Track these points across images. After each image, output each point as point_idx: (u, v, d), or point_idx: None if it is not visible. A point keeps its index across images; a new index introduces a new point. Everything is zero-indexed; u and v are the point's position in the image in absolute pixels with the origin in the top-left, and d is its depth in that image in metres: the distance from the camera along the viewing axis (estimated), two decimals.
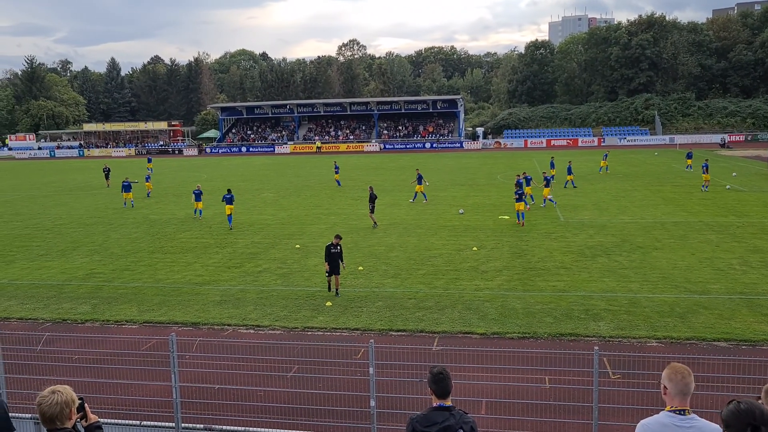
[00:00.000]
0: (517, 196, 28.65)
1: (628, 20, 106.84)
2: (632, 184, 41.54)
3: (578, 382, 11.29)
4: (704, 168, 37.59)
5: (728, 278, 18.52)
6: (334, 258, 17.76)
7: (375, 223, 29.01)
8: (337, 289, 18.07)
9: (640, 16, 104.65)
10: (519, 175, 33.02)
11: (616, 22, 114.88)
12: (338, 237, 18.36)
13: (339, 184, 45.76)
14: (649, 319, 15.27)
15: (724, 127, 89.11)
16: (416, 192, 36.74)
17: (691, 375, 4.44)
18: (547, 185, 33.35)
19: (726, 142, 77.55)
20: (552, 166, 44.72)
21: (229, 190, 30.96)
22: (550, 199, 33.59)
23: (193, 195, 32.79)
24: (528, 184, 33.74)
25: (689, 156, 49.86)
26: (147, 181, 43.96)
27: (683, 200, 33.74)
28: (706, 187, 37.01)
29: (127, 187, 37.74)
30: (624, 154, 68.41)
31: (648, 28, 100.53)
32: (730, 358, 11.97)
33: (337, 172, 46.96)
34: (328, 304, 17.21)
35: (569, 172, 41.23)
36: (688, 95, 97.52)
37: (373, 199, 29.17)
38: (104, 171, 51.36)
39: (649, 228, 26.42)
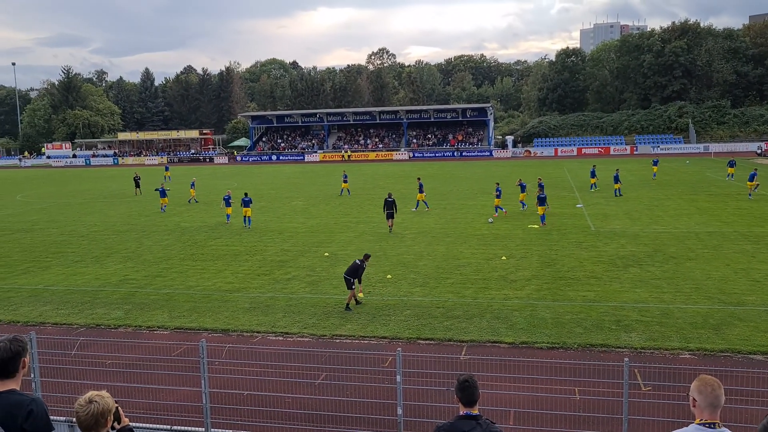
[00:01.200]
0: (539, 200, 30.62)
1: (661, 27, 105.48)
2: (665, 193, 40.92)
3: (608, 394, 11.13)
4: (751, 177, 37.44)
5: (765, 290, 18.12)
6: (353, 271, 17.62)
7: (390, 228, 29.97)
8: (356, 299, 17.86)
9: (673, 22, 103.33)
10: (539, 179, 35.12)
11: (648, 29, 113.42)
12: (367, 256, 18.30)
13: (344, 193, 45.15)
14: (682, 330, 15.01)
15: (761, 135, 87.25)
16: (418, 200, 36.70)
17: (721, 387, 4.36)
18: (522, 191, 35.16)
19: (763, 150, 75.94)
20: (593, 174, 44.09)
21: (246, 194, 33.05)
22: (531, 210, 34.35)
23: (223, 201, 34.10)
24: (523, 191, 35.72)
25: (732, 164, 48.14)
26: (192, 188, 45.36)
27: (718, 210, 33.12)
28: (753, 191, 36.90)
29: (162, 193, 39.81)
30: (657, 163, 67.38)
31: (682, 35, 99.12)
32: (766, 372, 11.70)
33: (345, 181, 46.08)
34: (360, 297, 17.26)
35: (616, 180, 40.45)
36: (724, 103, 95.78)
37: (389, 204, 29.91)
38: (134, 179, 52.19)
39: (682, 238, 25.99)
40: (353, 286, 17.49)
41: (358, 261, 17.90)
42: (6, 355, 4.45)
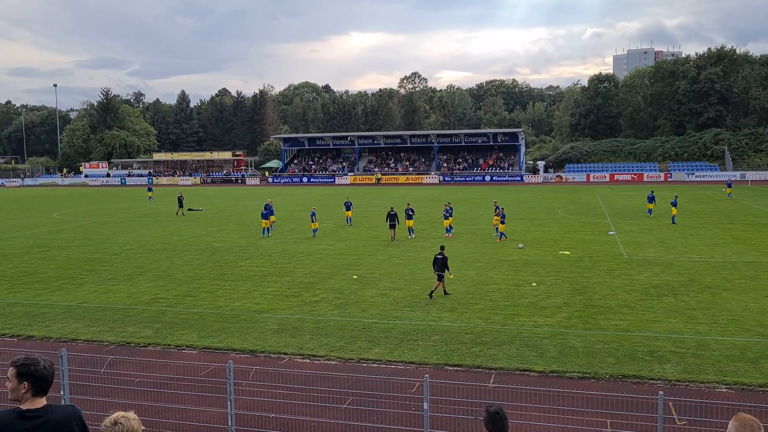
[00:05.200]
0: (502, 218, 33.69)
1: (696, 53, 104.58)
2: (700, 221, 40.15)
3: (641, 428, 10.83)
4: None
5: None
6: (441, 264, 21.14)
7: (393, 238, 34.22)
8: (444, 290, 21.46)
9: (709, 49, 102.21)
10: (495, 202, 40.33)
11: (683, 56, 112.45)
12: (442, 247, 22.03)
13: (349, 222, 42.06)
14: (718, 363, 14.59)
15: None
16: (409, 227, 35.69)
17: (761, 428, 4.15)
18: (496, 214, 35.34)
19: None
20: (651, 200, 43.55)
21: (265, 207, 37.60)
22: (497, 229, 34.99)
23: (311, 215, 37.19)
24: (446, 217, 36.28)
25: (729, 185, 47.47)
26: (272, 214, 39.60)
27: (756, 239, 32.36)
28: None
29: (266, 215, 37.83)
30: (692, 190, 66.36)
31: (718, 61, 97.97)
32: None
33: (348, 209, 42.47)
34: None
35: (674, 204, 40.13)
36: (761, 130, 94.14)
37: (391, 217, 34.38)
38: (178, 199, 51.99)
39: (718, 267, 25.41)
40: (443, 279, 21.22)
41: (439, 255, 21.36)
42: (49, 373, 4.68)
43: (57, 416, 4.58)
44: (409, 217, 35.96)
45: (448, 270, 21.55)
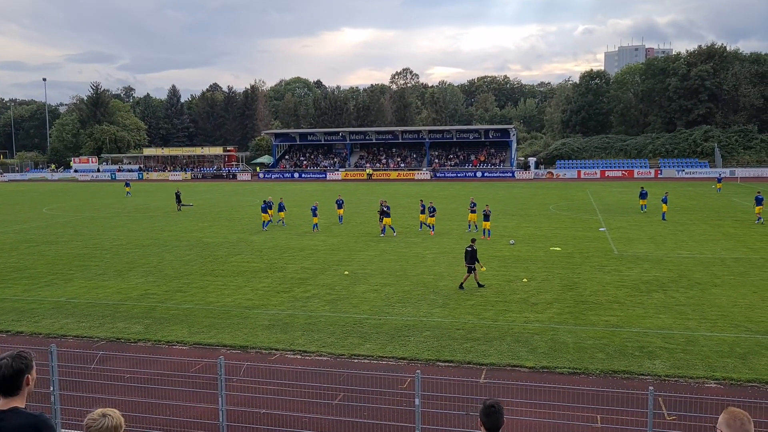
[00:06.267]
0: (485, 216, 33.93)
1: (687, 51, 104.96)
2: (690, 217, 40.36)
3: (631, 423, 10.88)
4: (757, 201, 37.79)
5: None
6: (471, 257, 21.49)
7: (383, 231, 34.60)
8: (477, 282, 21.86)
9: (699, 46, 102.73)
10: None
11: (674, 53, 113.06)
12: (473, 240, 22.57)
13: (340, 221, 40.61)
14: (708, 358, 14.68)
15: None
16: (384, 226, 34.90)
17: (750, 422, 4.18)
18: (472, 211, 36.34)
19: None
20: (643, 196, 43.83)
21: (264, 201, 38.97)
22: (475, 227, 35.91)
23: (313, 210, 37.43)
24: (387, 215, 35.06)
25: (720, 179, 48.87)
26: (280, 211, 40.12)
27: (744, 236, 32.57)
28: (761, 219, 37.03)
29: (264, 208, 38.48)
30: (682, 187, 66.69)
31: (708, 59, 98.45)
32: None
33: (340, 207, 41.13)
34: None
35: (664, 201, 40.32)
36: (750, 128, 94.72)
37: (382, 211, 34.88)
38: (176, 194, 50.99)
39: (707, 264, 25.56)
40: (474, 270, 21.60)
41: (469, 248, 21.77)
42: (8, 372, 4.30)
43: (13, 423, 4.24)
44: (387, 215, 34.91)
45: (478, 262, 21.81)
